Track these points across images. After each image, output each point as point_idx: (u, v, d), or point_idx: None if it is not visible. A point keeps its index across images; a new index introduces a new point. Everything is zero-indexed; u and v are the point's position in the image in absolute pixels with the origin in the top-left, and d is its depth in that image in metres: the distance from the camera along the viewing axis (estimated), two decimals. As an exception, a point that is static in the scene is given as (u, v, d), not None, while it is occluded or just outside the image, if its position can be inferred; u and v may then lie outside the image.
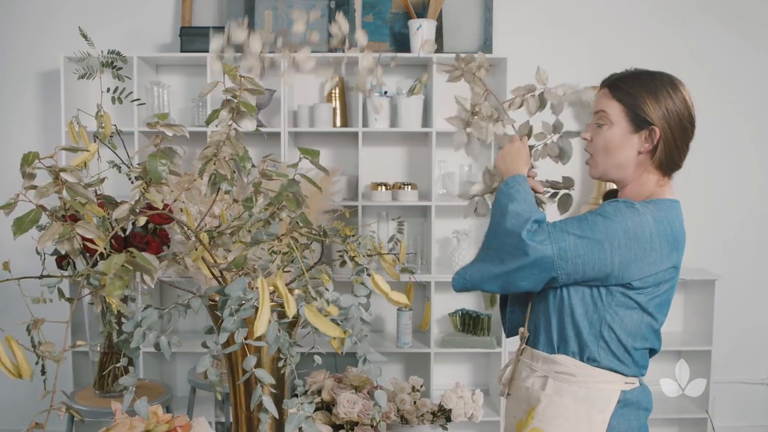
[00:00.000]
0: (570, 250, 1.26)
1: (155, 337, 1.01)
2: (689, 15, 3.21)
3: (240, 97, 1.01)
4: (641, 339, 1.32)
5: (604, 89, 1.37)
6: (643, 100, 1.31)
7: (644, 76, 1.34)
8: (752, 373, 3.36)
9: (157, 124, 0.89)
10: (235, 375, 1.29)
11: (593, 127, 1.38)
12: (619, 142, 1.33)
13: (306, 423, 1.07)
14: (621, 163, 1.34)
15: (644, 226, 1.26)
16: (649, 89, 1.32)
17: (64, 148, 0.85)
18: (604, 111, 1.35)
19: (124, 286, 0.73)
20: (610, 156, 1.35)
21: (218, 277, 1.22)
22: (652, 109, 1.31)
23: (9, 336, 0.86)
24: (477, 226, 3.21)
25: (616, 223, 1.26)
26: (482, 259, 1.38)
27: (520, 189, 1.36)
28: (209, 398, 2.95)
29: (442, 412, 2.18)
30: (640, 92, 1.32)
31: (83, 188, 0.82)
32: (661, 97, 1.31)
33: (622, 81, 1.35)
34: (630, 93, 1.32)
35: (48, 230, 0.79)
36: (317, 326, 0.91)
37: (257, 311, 1.06)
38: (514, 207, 1.32)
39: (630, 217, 1.26)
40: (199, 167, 1.06)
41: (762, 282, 3.32)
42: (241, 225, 1.06)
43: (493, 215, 1.39)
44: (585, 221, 1.28)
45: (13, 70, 3.10)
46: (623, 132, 1.33)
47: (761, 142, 3.27)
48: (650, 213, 1.28)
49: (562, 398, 1.32)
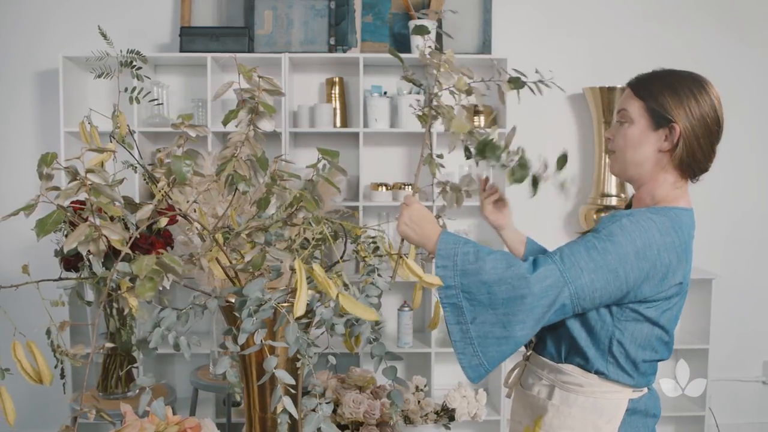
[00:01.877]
0: (587, 288, 1.21)
1: (174, 338, 1.00)
2: (688, 16, 3.24)
3: (259, 97, 1.00)
4: (651, 351, 1.30)
5: (628, 89, 1.36)
6: (664, 98, 1.29)
7: (668, 75, 1.33)
8: (748, 371, 3.40)
9: (181, 125, 0.89)
10: (249, 376, 1.28)
11: (616, 125, 1.37)
12: (638, 139, 1.32)
13: (324, 423, 1.07)
14: (639, 161, 1.32)
15: (651, 243, 1.23)
16: (671, 87, 1.30)
17: (92, 149, 0.84)
18: (626, 109, 1.33)
19: (155, 287, 0.73)
20: (629, 153, 1.33)
21: (232, 277, 1.22)
22: (672, 106, 1.29)
23: (30, 341, 0.85)
24: (477, 225, 3.22)
25: (626, 245, 1.21)
26: (492, 335, 1.23)
27: (466, 249, 1.24)
28: (210, 399, 2.94)
29: (444, 412, 2.18)
30: (661, 90, 1.30)
31: (110, 189, 0.81)
32: (683, 95, 1.29)
33: (645, 80, 1.34)
34: (651, 91, 1.31)
35: (74, 232, 0.78)
36: (354, 312, 0.92)
37: (276, 312, 1.07)
38: (489, 273, 1.20)
39: (638, 236, 1.22)
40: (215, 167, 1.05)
41: (759, 281, 3.35)
42: (259, 226, 1.06)
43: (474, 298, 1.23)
44: (594, 250, 1.22)
45: (11, 69, 3.08)
46: (642, 129, 1.31)
47: (759, 143, 3.31)
48: (655, 227, 1.24)
49: (570, 408, 1.31)
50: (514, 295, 1.20)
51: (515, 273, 1.20)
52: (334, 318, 1.10)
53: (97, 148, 0.87)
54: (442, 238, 1.28)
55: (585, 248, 1.23)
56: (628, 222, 1.24)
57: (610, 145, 1.38)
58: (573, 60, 3.18)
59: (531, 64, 3.13)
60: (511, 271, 1.21)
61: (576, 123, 3.26)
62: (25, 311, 1.59)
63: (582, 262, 1.21)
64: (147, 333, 1.00)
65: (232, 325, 1.18)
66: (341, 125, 3.06)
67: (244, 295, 1.07)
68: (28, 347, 0.83)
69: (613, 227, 1.24)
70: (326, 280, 0.87)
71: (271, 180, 1.12)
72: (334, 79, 3.06)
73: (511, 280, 1.20)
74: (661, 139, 1.31)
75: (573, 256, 1.22)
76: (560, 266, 1.21)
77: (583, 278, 1.20)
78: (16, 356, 0.82)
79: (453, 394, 2.20)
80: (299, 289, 0.87)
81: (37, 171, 0.99)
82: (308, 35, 2.97)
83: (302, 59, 3.01)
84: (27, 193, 3.11)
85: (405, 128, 2.98)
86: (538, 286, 1.20)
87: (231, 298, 1.17)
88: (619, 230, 1.23)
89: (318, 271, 0.86)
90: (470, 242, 1.27)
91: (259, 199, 1.15)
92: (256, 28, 2.96)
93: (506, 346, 1.23)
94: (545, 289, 1.20)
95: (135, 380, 2.07)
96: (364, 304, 0.95)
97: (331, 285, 0.88)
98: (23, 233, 3.08)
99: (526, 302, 1.20)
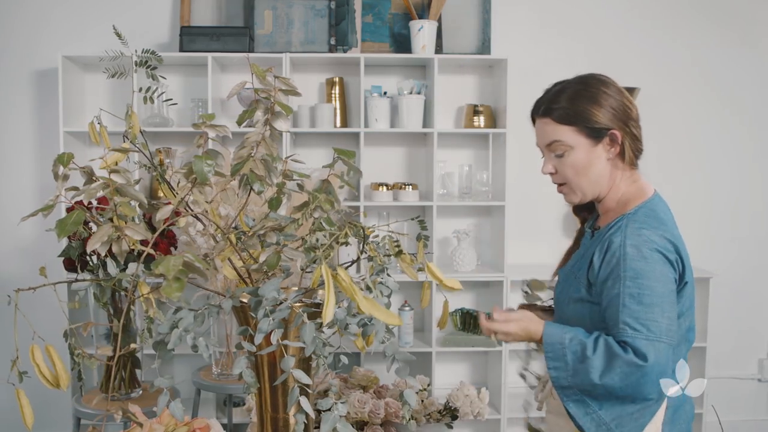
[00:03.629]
0: (670, 325, 1.23)
1: (192, 339, 1.00)
2: (686, 18, 3.26)
3: (275, 97, 1.00)
4: (685, 342, 1.32)
5: (543, 119, 1.32)
6: (588, 111, 1.27)
7: (574, 88, 1.30)
8: (744, 368, 3.43)
9: (202, 125, 0.89)
10: (261, 376, 1.28)
11: (550, 158, 1.33)
12: (587, 161, 1.30)
13: (340, 423, 1.07)
14: (596, 179, 1.31)
15: (663, 261, 1.24)
16: (586, 97, 1.28)
17: (116, 149, 0.84)
18: (558, 140, 1.30)
19: (182, 287, 0.73)
20: (583, 178, 1.31)
21: (245, 278, 1.22)
22: (600, 115, 1.27)
23: (49, 345, 0.85)
24: (476, 225, 3.23)
25: (654, 277, 1.22)
26: (625, 412, 1.23)
27: (573, 349, 1.23)
28: (211, 399, 2.93)
29: (447, 411, 2.19)
30: (581, 105, 1.28)
31: (133, 190, 0.81)
32: (601, 98, 1.28)
33: (556, 102, 1.30)
34: (572, 111, 1.28)
35: (97, 232, 0.78)
36: (377, 316, 0.92)
37: (293, 311, 1.07)
38: (596, 361, 1.20)
39: (655, 262, 1.23)
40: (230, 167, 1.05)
41: (755, 280, 3.39)
42: (275, 226, 1.06)
43: (594, 392, 1.23)
44: (644, 296, 1.22)
45: (10, 68, 3.06)
46: (586, 150, 1.29)
47: (758, 143, 3.34)
48: (654, 245, 1.24)
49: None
50: (633, 381, 1.20)
51: (626, 361, 1.19)
52: (347, 317, 1.10)
53: (121, 149, 0.87)
54: (547, 336, 1.26)
55: (636, 301, 1.22)
56: (633, 251, 1.23)
57: (556, 179, 1.35)
58: (572, 60, 3.19)
59: (530, 65, 3.17)
60: (620, 361, 1.20)
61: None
62: (25, 311, 1.57)
63: (648, 313, 1.21)
64: (164, 334, 1.00)
65: (243, 325, 1.18)
66: (341, 125, 3.06)
67: (259, 295, 1.07)
68: (47, 351, 0.83)
69: (638, 265, 1.23)
70: (352, 286, 0.87)
71: (284, 180, 1.12)
72: (334, 79, 3.06)
73: (620, 367, 1.19)
74: (606, 149, 1.30)
75: (637, 315, 1.22)
76: (645, 333, 1.21)
77: (662, 323, 1.21)
78: (35, 360, 0.82)
79: (456, 394, 2.20)
80: (327, 296, 0.87)
81: (53, 171, 0.98)
82: (308, 35, 2.97)
83: (302, 59, 3.01)
84: (26, 192, 3.09)
85: (405, 128, 2.98)
86: (651, 358, 1.19)
87: (244, 298, 1.17)
88: (643, 263, 1.22)
89: (343, 277, 0.86)
90: (574, 336, 1.24)
91: (271, 199, 1.15)
92: (257, 28, 2.96)
93: (644, 416, 1.24)
94: (654, 358, 1.20)
95: (138, 381, 2.07)
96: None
97: (357, 291, 0.88)
98: (20, 234, 3.07)
99: (645, 379, 1.20)
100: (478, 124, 3.04)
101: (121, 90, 3.03)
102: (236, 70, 3.07)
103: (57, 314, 2.78)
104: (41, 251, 3.02)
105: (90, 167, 0.96)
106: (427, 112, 3.02)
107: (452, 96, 3.16)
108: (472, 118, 3.05)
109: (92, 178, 0.95)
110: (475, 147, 3.21)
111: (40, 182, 3.09)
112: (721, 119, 3.29)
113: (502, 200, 2.97)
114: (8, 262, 3.09)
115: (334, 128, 3.00)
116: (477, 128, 3.03)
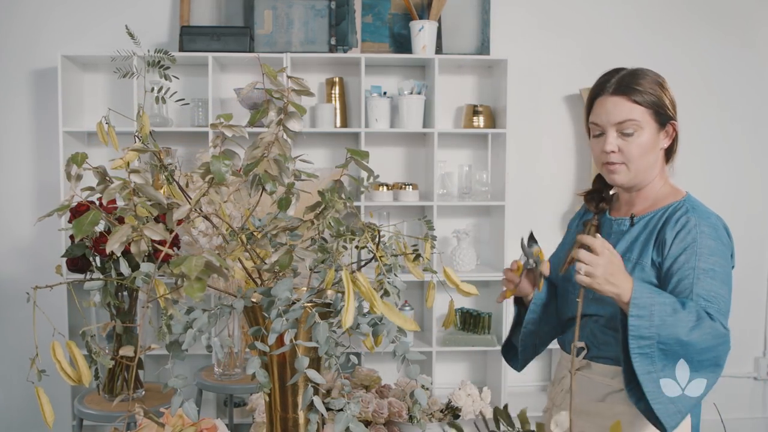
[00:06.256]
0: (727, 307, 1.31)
1: (207, 339, 1.00)
2: (684, 18, 3.28)
3: (288, 97, 1.01)
4: None
5: (616, 98, 1.32)
6: (661, 97, 1.31)
7: (643, 74, 1.34)
8: (740, 367, 3.46)
9: (219, 125, 0.89)
10: (270, 376, 1.28)
11: (616, 137, 1.32)
12: (652, 144, 1.32)
13: (353, 422, 1.08)
14: (649, 165, 1.34)
15: (729, 244, 1.36)
16: (661, 86, 1.33)
17: (134, 149, 0.84)
18: (632, 119, 1.30)
19: (204, 287, 0.73)
20: (644, 159, 1.32)
21: (255, 278, 1.22)
22: (668, 103, 1.33)
23: (70, 342, 0.85)
24: (476, 225, 3.24)
25: (725, 258, 1.31)
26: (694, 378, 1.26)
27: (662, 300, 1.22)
28: (211, 400, 2.93)
29: (449, 410, 2.20)
30: (655, 90, 1.31)
31: (152, 190, 0.81)
32: (668, 90, 1.34)
33: (636, 84, 1.32)
34: (648, 93, 1.31)
35: (117, 232, 0.78)
36: (395, 321, 0.92)
37: (305, 311, 1.07)
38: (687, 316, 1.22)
39: (724, 245, 1.31)
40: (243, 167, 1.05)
41: (751, 280, 3.41)
42: (287, 226, 1.06)
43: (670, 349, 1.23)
44: (716, 273, 1.28)
45: (9, 68, 3.04)
46: (652, 133, 1.32)
47: (755, 144, 3.36)
48: (724, 228, 1.33)
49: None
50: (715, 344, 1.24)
51: (712, 324, 1.23)
52: (358, 317, 1.11)
53: (140, 148, 0.87)
54: (637, 288, 1.23)
55: (710, 276, 1.27)
56: (709, 230, 1.29)
57: (616, 158, 1.33)
58: (570, 61, 3.21)
59: (529, 65, 3.18)
60: (708, 323, 1.23)
61: (572, 123, 3.29)
62: (25, 311, 1.57)
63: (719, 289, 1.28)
64: (179, 334, 1.00)
65: (253, 325, 1.18)
66: (341, 125, 3.06)
67: (272, 295, 1.07)
68: (68, 348, 0.83)
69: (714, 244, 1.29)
70: (371, 291, 0.88)
71: (294, 179, 1.13)
72: (334, 79, 3.07)
73: (708, 329, 1.22)
74: (663, 138, 1.34)
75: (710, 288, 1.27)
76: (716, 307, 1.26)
77: (728, 301, 1.30)
78: (56, 357, 0.82)
79: (458, 393, 2.21)
80: (347, 300, 0.87)
81: (65, 171, 0.98)
82: (308, 35, 2.97)
83: (302, 59, 3.00)
84: (24, 192, 3.08)
85: (405, 128, 2.99)
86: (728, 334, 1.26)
87: (255, 298, 1.17)
88: (719, 242, 1.30)
89: (362, 281, 0.87)
90: (663, 293, 1.25)
91: (280, 199, 1.15)
92: (257, 28, 2.96)
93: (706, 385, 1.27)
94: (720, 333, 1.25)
95: (141, 382, 2.06)
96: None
97: (376, 296, 0.88)
98: (19, 234, 3.05)
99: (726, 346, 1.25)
100: (477, 125, 3.05)
101: (120, 90, 3.02)
102: (236, 70, 3.07)
103: (56, 314, 2.78)
104: (39, 251, 3.00)
105: (103, 167, 0.96)
106: (427, 112, 3.03)
107: (452, 96, 3.17)
108: (471, 118, 3.06)
109: (105, 178, 0.95)
110: (474, 147, 3.22)
111: (38, 182, 3.08)
112: (719, 120, 3.32)
113: (501, 200, 2.99)
114: (8, 262, 3.07)
115: (334, 128, 3.01)
116: (476, 128, 3.04)
